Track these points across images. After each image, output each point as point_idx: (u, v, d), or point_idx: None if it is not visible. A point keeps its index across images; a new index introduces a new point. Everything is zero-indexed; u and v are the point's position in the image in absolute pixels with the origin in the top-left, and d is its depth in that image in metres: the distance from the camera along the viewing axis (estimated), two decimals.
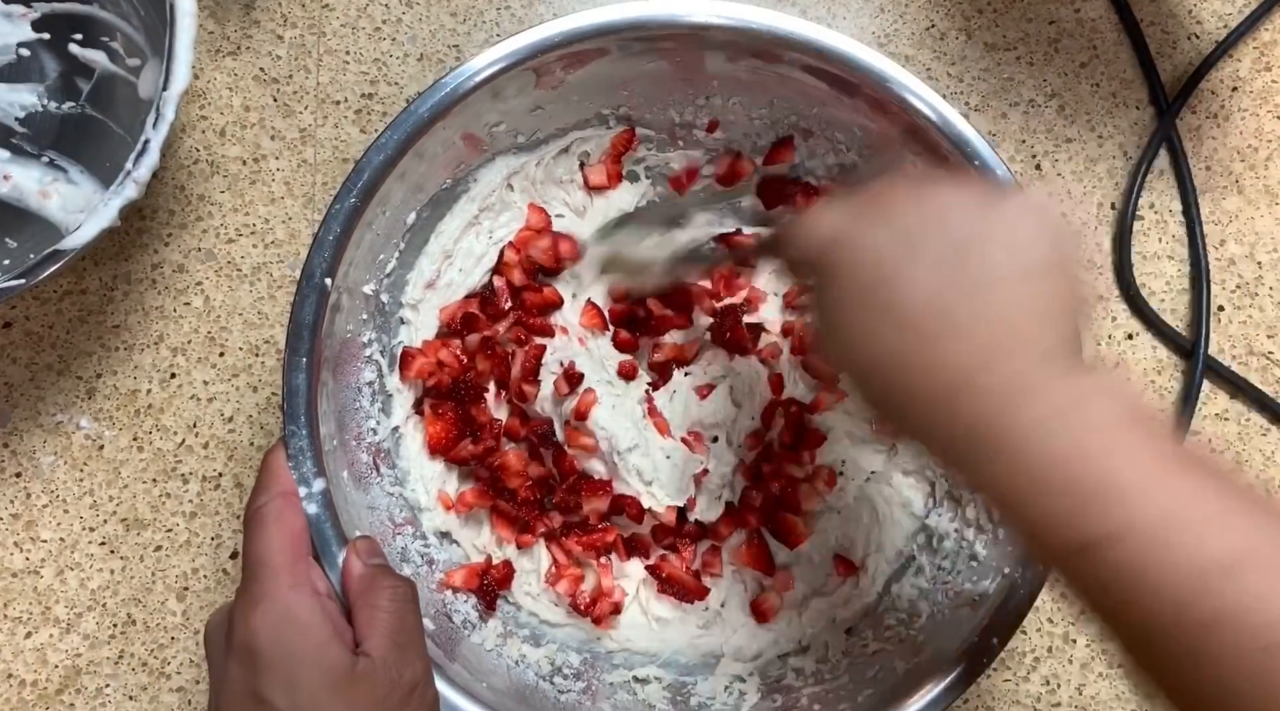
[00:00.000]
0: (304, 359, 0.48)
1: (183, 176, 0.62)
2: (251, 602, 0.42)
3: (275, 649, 0.40)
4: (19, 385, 0.60)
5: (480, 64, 0.51)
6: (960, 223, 0.39)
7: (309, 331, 0.49)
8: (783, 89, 0.56)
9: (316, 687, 0.40)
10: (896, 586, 0.57)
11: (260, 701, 0.40)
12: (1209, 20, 0.67)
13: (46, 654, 0.57)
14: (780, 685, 0.55)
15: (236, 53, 0.63)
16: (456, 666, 0.50)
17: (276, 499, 0.45)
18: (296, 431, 0.48)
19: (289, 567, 0.43)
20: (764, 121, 0.58)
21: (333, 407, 0.51)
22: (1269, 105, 0.67)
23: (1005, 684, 0.60)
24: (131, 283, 0.61)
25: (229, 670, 0.41)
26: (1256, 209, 0.65)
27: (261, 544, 0.44)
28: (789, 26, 0.52)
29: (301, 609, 0.42)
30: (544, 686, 0.54)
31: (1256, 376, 0.64)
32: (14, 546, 0.58)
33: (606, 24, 0.52)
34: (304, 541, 0.46)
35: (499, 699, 0.50)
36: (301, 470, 0.47)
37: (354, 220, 0.50)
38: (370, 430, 0.55)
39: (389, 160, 0.50)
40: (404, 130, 0.50)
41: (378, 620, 0.44)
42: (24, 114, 0.59)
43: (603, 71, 0.54)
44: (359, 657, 0.42)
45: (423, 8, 0.65)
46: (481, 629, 0.55)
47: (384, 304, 0.56)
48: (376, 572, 0.46)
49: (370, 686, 0.41)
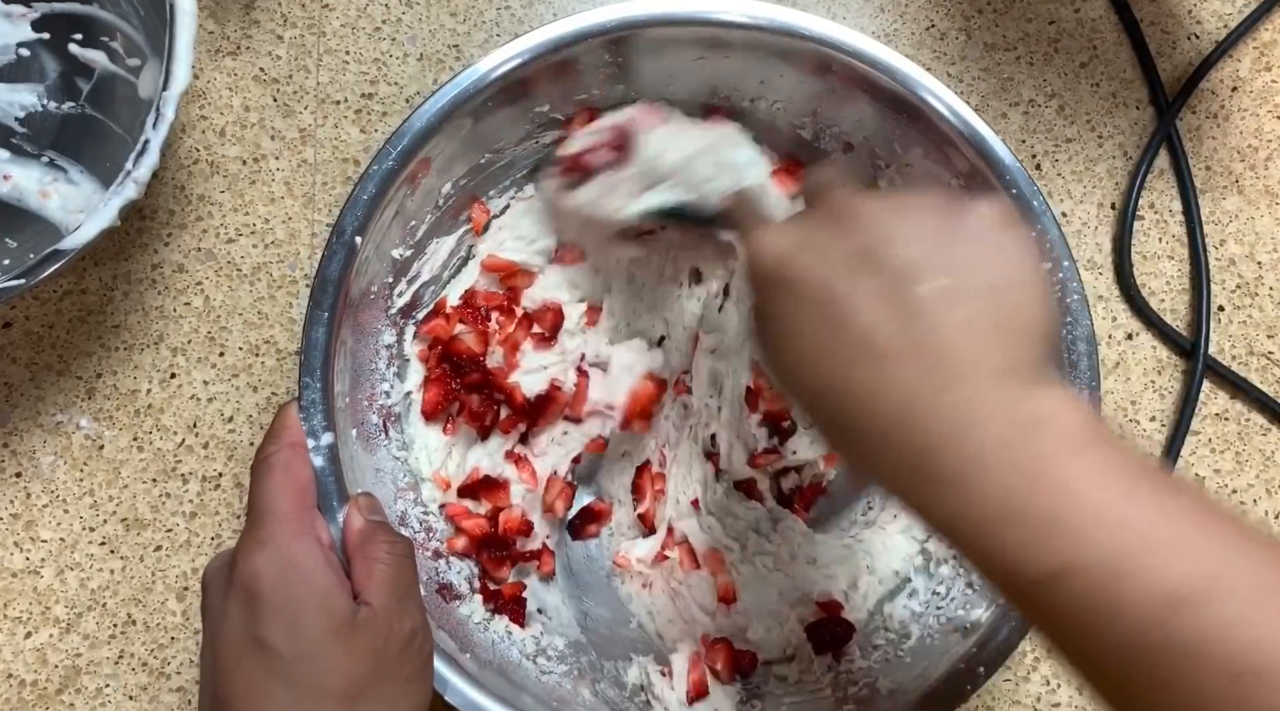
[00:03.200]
0: (326, 313, 0.49)
1: (183, 176, 0.62)
2: (256, 546, 0.42)
3: (278, 593, 0.40)
4: (19, 385, 0.60)
5: (537, 41, 0.52)
6: (914, 240, 0.38)
7: (334, 286, 0.49)
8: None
9: (318, 633, 0.40)
10: (889, 606, 0.56)
11: (261, 644, 0.40)
12: (1209, 20, 0.67)
13: (46, 654, 0.57)
14: (761, 691, 0.55)
15: (236, 53, 0.63)
16: (442, 634, 0.50)
17: (286, 448, 0.46)
18: (311, 384, 0.48)
19: (295, 515, 0.43)
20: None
21: (349, 366, 0.52)
22: (1269, 105, 0.67)
23: (1005, 684, 0.60)
24: (131, 283, 0.61)
25: (228, 613, 0.41)
26: (1256, 209, 0.65)
27: (268, 491, 0.44)
28: (808, 24, 0.52)
29: (306, 556, 0.42)
30: (526, 665, 0.54)
31: (1256, 376, 0.64)
32: (14, 546, 0.58)
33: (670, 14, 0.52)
34: (311, 492, 0.46)
35: (481, 670, 0.50)
36: (312, 423, 0.48)
37: (390, 182, 0.50)
38: (384, 393, 0.55)
39: (430, 127, 0.50)
40: (455, 95, 0.51)
41: (376, 572, 0.44)
42: (24, 114, 0.59)
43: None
44: (360, 606, 0.42)
45: (423, 8, 0.65)
46: (470, 600, 0.55)
47: (411, 268, 0.56)
48: (375, 528, 0.46)
49: (370, 634, 0.41)
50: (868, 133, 0.56)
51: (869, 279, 0.37)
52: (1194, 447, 0.63)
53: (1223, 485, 0.63)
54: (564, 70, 0.54)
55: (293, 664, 0.40)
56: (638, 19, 0.52)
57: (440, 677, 0.47)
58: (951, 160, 0.54)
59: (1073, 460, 0.34)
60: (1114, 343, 0.64)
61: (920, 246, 0.38)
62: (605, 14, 0.52)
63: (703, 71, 0.56)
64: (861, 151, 0.57)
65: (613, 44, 0.53)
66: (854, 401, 0.37)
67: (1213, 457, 0.63)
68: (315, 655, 0.40)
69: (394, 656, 0.42)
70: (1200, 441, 0.63)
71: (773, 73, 0.55)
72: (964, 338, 0.36)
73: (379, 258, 0.53)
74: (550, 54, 0.52)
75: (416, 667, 0.44)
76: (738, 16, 0.52)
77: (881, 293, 0.37)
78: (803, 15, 0.53)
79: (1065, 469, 0.33)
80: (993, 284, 0.37)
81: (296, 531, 0.43)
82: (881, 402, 0.36)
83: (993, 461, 0.34)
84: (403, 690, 0.43)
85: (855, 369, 0.37)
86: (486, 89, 0.51)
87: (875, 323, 0.37)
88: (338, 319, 0.49)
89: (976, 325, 0.36)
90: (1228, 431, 0.63)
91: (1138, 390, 0.63)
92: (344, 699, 0.40)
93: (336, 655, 0.40)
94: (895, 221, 0.39)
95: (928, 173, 0.55)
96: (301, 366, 0.48)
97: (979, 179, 0.53)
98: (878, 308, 0.37)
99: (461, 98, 0.51)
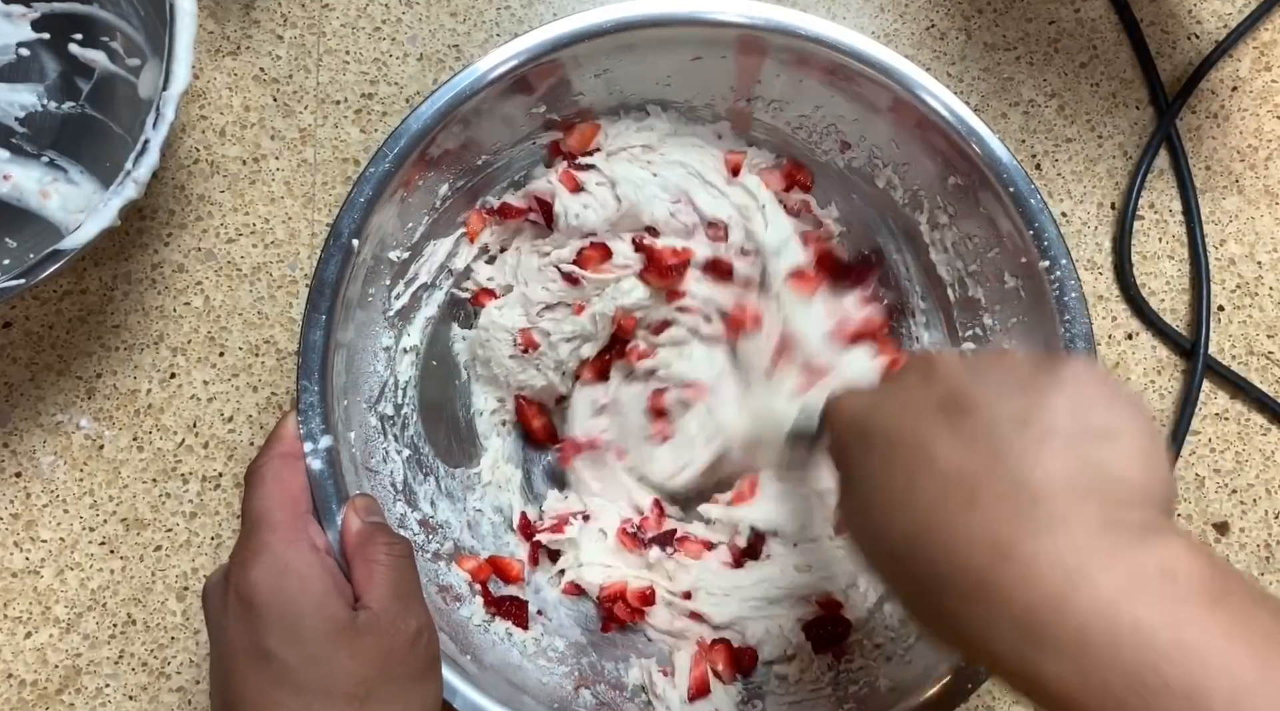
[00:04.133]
0: (323, 316, 0.49)
1: (183, 176, 0.62)
2: (250, 556, 0.42)
3: (275, 601, 0.40)
4: (19, 385, 0.60)
5: (534, 42, 0.51)
6: (1006, 385, 0.35)
7: (330, 289, 0.49)
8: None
9: (319, 637, 0.40)
10: (889, 605, 0.56)
11: (265, 655, 0.40)
12: (1209, 20, 0.67)
13: (46, 654, 0.57)
14: (761, 691, 0.55)
15: (236, 53, 0.63)
16: (442, 636, 0.50)
17: (275, 459, 0.46)
18: (308, 387, 0.48)
19: (288, 523, 0.43)
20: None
21: (346, 368, 0.51)
22: (1269, 105, 0.67)
23: None
24: (131, 283, 0.61)
25: (229, 626, 0.41)
26: (1256, 209, 0.65)
27: (260, 500, 0.44)
28: (806, 24, 0.52)
29: (300, 562, 0.42)
30: (527, 666, 0.54)
31: (1256, 376, 0.64)
32: (14, 546, 0.58)
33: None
34: (303, 499, 0.46)
35: (481, 672, 0.50)
36: (310, 426, 0.47)
37: (386, 184, 0.50)
38: (380, 394, 0.55)
39: (427, 129, 0.50)
40: (451, 97, 0.51)
41: (376, 573, 0.44)
42: (24, 114, 0.59)
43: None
44: (360, 611, 0.42)
45: (423, 8, 0.65)
46: (470, 602, 0.55)
47: (408, 270, 0.56)
48: (374, 529, 0.46)
49: (374, 636, 0.41)
50: (866, 132, 0.56)
51: (958, 418, 0.35)
52: (1194, 447, 0.63)
53: (1223, 485, 0.63)
54: (561, 71, 0.54)
55: (298, 670, 0.40)
56: (632, 19, 0.52)
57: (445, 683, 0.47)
58: (951, 160, 0.54)
59: (1209, 619, 0.29)
60: (1114, 342, 0.64)
61: (1012, 391, 0.35)
62: (600, 15, 0.52)
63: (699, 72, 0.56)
64: (859, 151, 0.57)
65: (608, 45, 0.53)
66: (942, 548, 0.33)
67: (1213, 457, 0.63)
68: (319, 660, 0.40)
69: (400, 656, 0.42)
70: (1200, 441, 0.63)
71: (769, 74, 0.55)
72: (1063, 480, 0.32)
73: (376, 260, 0.53)
74: (546, 55, 0.52)
75: (424, 666, 0.44)
76: (735, 17, 0.52)
77: (971, 432, 0.34)
78: (802, 15, 0.53)
79: (1202, 630, 0.29)
80: (1093, 430, 0.34)
81: (290, 539, 0.43)
82: (975, 550, 0.32)
83: (1116, 619, 0.29)
84: (412, 689, 0.43)
85: (943, 510, 0.33)
86: (483, 91, 0.51)
87: (964, 461, 0.34)
88: (335, 321, 0.49)
89: (1076, 469, 0.33)
90: (1228, 431, 0.63)
91: (1138, 390, 0.63)
92: (353, 700, 0.40)
93: (340, 658, 0.40)
94: (984, 368, 0.37)
95: (926, 172, 0.55)
96: (299, 369, 0.48)
97: (978, 178, 0.53)
98: (966, 446, 0.34)
99: (458, 99, 0.51)
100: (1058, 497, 0.32)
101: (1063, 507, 0.32)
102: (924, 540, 0.34)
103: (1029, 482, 0.32)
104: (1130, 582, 0.30)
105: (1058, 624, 0.30)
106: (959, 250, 0.56)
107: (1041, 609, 0.30)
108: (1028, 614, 0.31)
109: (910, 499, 0.35)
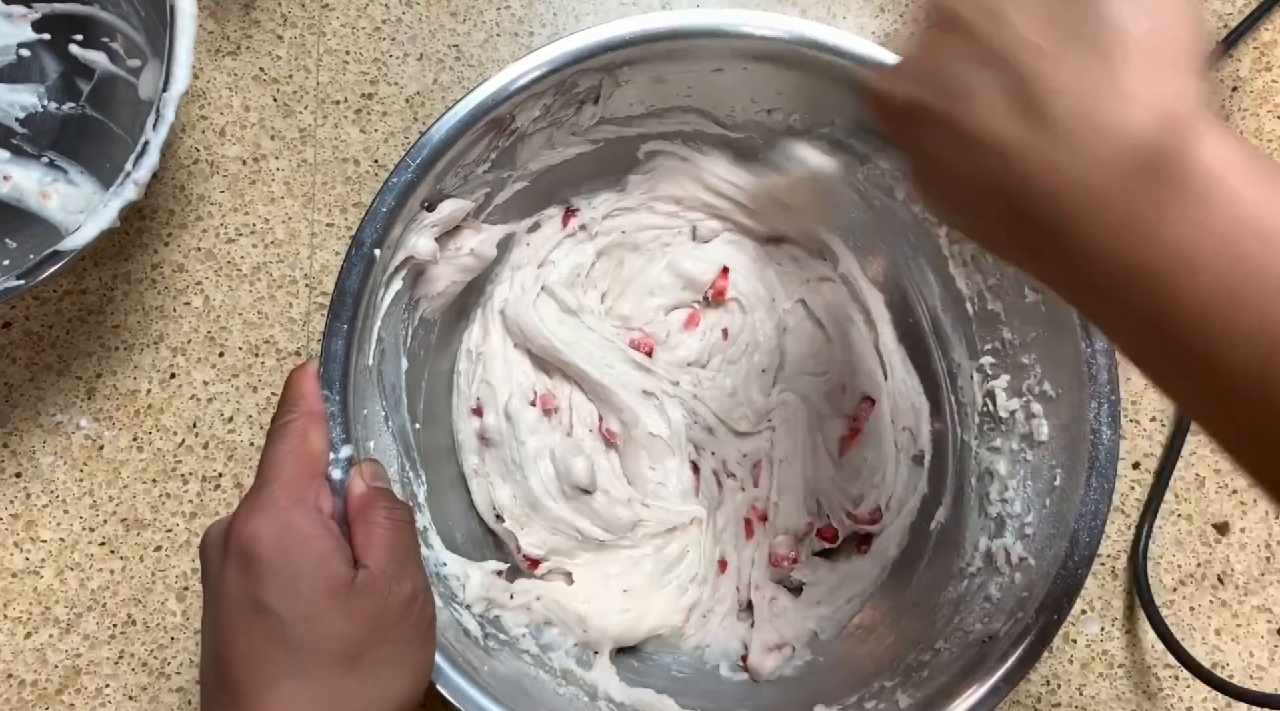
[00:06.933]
0: (345, 325, 0.48)
1: (183, 176, 0.62)
2: (255, 509, 0.42)
3: (276, 557, 0.40)
4: (19, 385, 0.60)
5: (560, 52, 0.51)
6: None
7: (352, 298, 0.49)
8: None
9: (317, 596, 0.40)
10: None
11: (260, 608, 0.40)
12: (1209, 20, 0.67)
13: (46, 654, 0.57)
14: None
15: (236, 53, 0.63)
16: (443, 638, 0.50)
17: (303, 417, 0.45)
18: (330, 397, 0.48)
19: (299, 483, 0.43)
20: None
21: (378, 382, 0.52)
22: (1269, 105, 0.67)
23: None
24: (131, 283, 0.61)
25: (227, 577, 0.41)
26: None
27: (278, 456, 0.44)
28: (828, 37, 0.52)
29: (304, 521, 0.42)
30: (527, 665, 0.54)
31: None
32: (14, 546, 0.58)
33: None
34: (321, 463, 0.45)
35: (464, 648, 0.50)
36: (331, 435, 0.47)
37: (408, 194, 0.50)
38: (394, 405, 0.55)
39: (451, 139, 0.50)
40: (474, 107, 0.50)
41: (375, 536, 0.44)
42: (24, 114, 0.59)
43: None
44: (359, 570, 0.42)
45: (423, 7, 0.65)
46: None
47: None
48: (376, 493, 0.46)
49: (370, 597, 0.41)
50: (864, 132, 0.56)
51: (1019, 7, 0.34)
52: (1194, 447, 0.63)
53: (1223, 485, 0.63)
54: (585, 83, 0.53)
55: (291, 626, 0.40)
56: (651, 32, 0.51)
57: (445, 682, 0.47)
58: None
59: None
60: None
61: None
62: (622, 27, 0.50)
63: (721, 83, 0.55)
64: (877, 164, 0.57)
65: (629, 58, 0.52)
66: (1029, 168, 0.33)
67: (1213, 457, 0.63)
68: (314, 617, 0.40)
69: (393, 619, 0.42)
70: (1200, 441, 0.63)
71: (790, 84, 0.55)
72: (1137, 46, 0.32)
73: (397, 270, 0.52)
74: (571, 66, 0.51)
75: (418, 630, 0.44)
76: (759, 30, 0.52)
77: (1036, 18, 0.33)
78: (828, 29, 0.52)
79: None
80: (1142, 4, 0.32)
81: (297, 498, 0.43)
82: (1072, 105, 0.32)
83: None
84: (403, 651, 0.43)
85: (1016, 128, 0.33)
86: (506, 102, 0.51)
87: (1040, 35, 0.33)
88: (357, 331, 0.49)
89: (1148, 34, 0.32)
90: None
91: (1138, 390, 0.63)
92: (343, 659, 0.40)
93: (335, 617, 0.40)
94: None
95: None
96: (320, 379, 0.48)
97: None
98: (1036, 22, 0.33)
99: (481, 110, 0.50)
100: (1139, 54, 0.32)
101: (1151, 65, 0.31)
102: (1013, 150, 0.33)
103: (1103, 45, 0.32)
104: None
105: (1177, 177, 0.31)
106: (978, 264, 0.56)
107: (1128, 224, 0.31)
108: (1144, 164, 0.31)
109: (984, 101, 0.34)
